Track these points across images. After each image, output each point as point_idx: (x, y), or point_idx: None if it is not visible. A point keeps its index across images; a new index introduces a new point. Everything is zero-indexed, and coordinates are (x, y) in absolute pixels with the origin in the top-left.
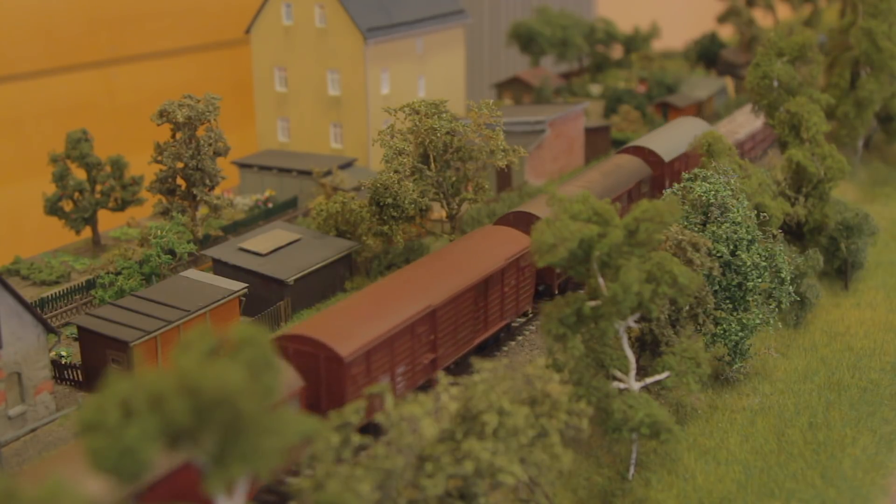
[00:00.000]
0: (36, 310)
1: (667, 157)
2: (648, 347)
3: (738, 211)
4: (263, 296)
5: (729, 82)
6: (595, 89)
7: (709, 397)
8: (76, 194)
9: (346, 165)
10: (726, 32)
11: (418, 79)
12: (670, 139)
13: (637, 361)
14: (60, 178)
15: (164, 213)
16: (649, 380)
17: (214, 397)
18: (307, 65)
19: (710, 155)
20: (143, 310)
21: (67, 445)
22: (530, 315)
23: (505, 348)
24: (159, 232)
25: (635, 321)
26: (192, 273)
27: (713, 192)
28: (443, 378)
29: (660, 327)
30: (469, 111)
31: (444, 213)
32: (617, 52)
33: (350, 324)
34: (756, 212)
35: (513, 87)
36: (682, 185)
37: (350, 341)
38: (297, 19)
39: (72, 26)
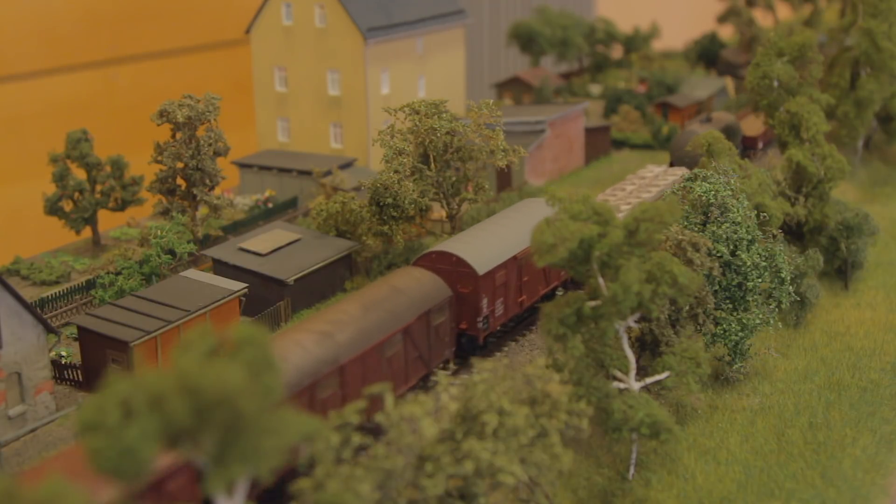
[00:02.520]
0: (36, 310)
1: (482, 268)
2: (648, 347)
3: (738, 211)
4: (263, 296)
5: (729, 82)
6: (595, 89)
7: (709, 397)
8: (76, 194)
9: (346, 165)
10: (726, 32)
11: (418, 79)
12: (497, 237)
13: (637, 361)
14: (60, 178)
15: (164, 213)
16: (649, 380)
17: (214, 397)
18: (307, 65)
19: (709, 155)
20: (143, 310)
21: (68, 446)
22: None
23: (505, 348)
24: (159, 232)
25: (635, 321)
26: (192, 273)
27: (713, 192)
28: (443, 378)
29: (660, 327)
30: (469, 111)
31: (444, 213)
32: (617, 52)
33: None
34: (756, 212)
35: (513, 87)
36: (681, 185)
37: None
38: (297, 19)
39: (72, 26)
